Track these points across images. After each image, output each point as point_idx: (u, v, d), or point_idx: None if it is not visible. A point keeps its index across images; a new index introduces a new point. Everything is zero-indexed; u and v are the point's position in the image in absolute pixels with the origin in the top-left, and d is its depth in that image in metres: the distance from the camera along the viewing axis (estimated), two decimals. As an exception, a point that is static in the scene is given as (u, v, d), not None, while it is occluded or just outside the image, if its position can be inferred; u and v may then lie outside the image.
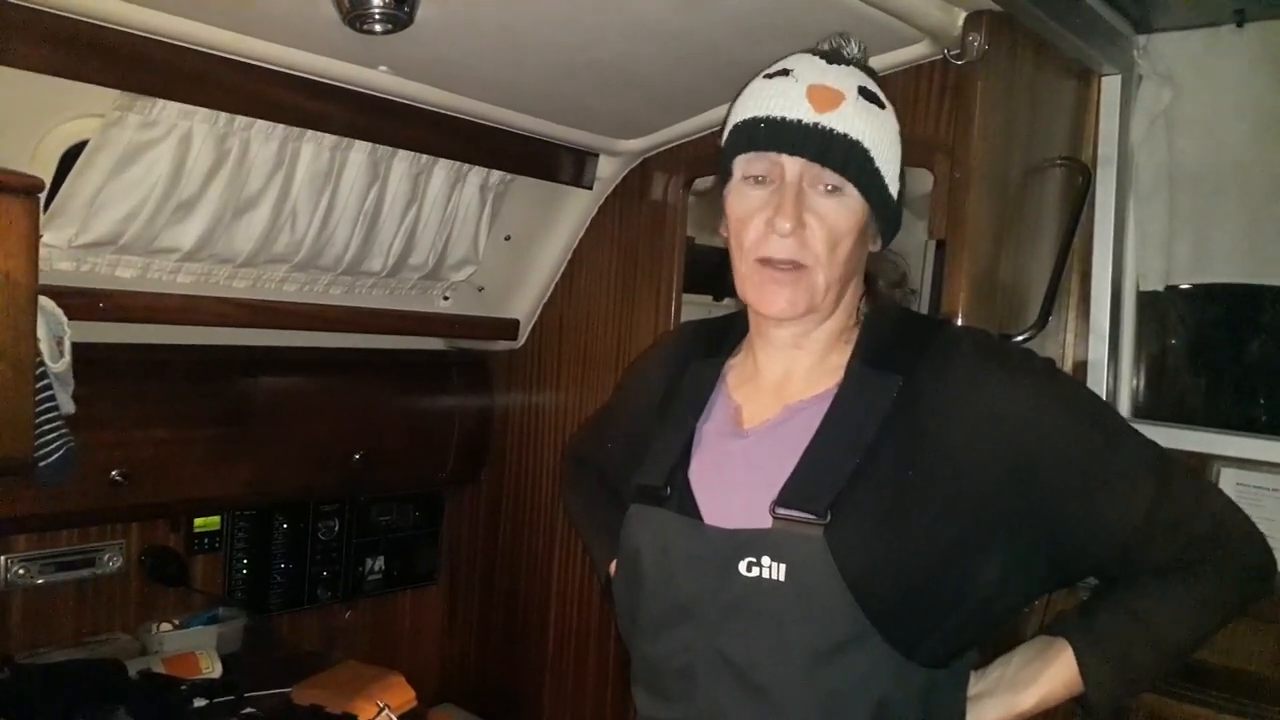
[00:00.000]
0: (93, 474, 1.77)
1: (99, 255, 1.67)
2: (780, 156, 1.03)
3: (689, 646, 1.06)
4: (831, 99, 1.03)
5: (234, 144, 1.68)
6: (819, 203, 1.03)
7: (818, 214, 1.03)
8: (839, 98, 1.03)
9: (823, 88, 1.04)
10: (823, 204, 1.04)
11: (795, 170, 1.03)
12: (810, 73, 1.05)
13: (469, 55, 1.60)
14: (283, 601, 2.29)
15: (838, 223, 1.04)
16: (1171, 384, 1.98)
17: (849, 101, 1.03)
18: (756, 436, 1.11)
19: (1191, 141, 1.87)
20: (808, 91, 1.03)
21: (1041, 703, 1.09)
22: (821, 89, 1.03)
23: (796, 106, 1.03)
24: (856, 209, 1.05)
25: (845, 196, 1.04)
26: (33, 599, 1.93)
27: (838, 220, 1.04)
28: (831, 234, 1.04)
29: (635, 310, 2.22)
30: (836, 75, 1.06)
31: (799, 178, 1.03)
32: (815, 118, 1.02)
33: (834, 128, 1.02)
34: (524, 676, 2.46)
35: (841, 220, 1.04)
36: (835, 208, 1.04)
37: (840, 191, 1.04)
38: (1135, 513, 1.02)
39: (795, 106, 1.03)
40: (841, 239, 1.04)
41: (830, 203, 1.04)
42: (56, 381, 1.42)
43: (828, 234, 1.03)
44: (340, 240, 1.93)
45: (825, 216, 1.03)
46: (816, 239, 1.03)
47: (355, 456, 2.23)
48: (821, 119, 1.02)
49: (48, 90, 1.46)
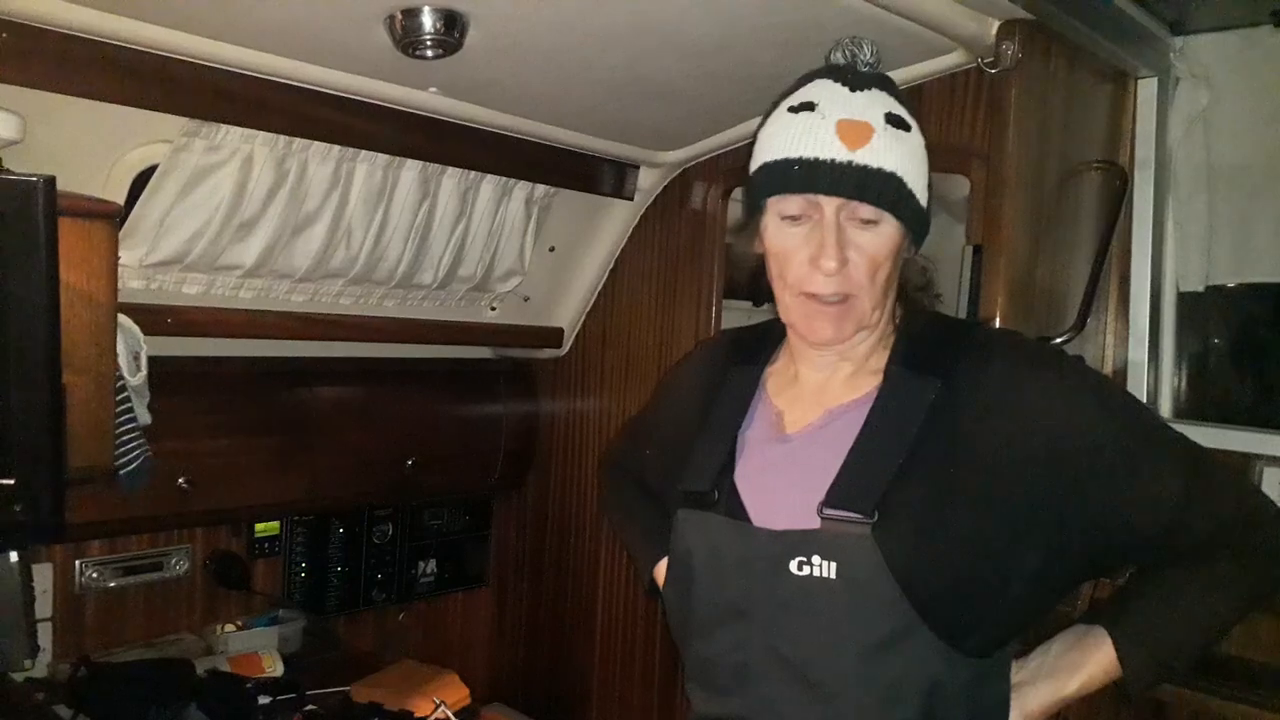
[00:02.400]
0: (160, 481, 1.83)
1: (167, 273, 1.76)
2: (817, 197, 1.05)
3: (742, 644, 1.10)
4: (861, 134, 1.04)
5: (292, 165, 1.75)
6: (858, 236, 1.06)
7: (857, 246, 1.06)
8: (868, 131, 1.04)
9: (851, 123, 1.04)
10: (861, 237, 1.06)
11: (833, 209, 1.05)
12: (835, 106, 1.06)
13: (515, 76, 1.66)
14: (339, 603, 2.36)
15: (878, 252, 1.07)
16: (1213, 384, 1.98)
17: (878, 134, 1.04)
18: (799, 440, 1.15)
19: (1230, 142, 1.87)
20: (837, 128, 1.04)
21: (1082, 689, 1.13)
22: (850, 124, 1.04)
23: (828, 146, 1.03)
24: (894, 235, 1.07)
25: (882, 225, 1.06)
26: (104, 601, 2.02)
27: (877, 250, 1.07)
28: (872, 263, 1.06)
29: (676, 317, 2.26)
30: (862, 105, 1.06)
31: (837, 214, 1.05)
32: (848, 156, 1.03)
33: (868, 164, 1.03)
34: (572, 677, 2.50)
35: (881, 250, 1.07)
36: (873, 239, 1.06)
37: (876, 223, 1.06)
38: (1168, 502, 1.05)
39: (827, 146, 1.03)
40: (881, 265, 1.07)
41: (868, 234, 1.06)
42: (134, 394, 1.50)
43: (868, 264, 1.06)
44: (393, 255, 2.00)
45: (864, 248, 1.06)
46: (859, 270, 1.06)
47: (407, 463, 2.30)
48: (854, 156, 1.03)
49: (119, 119, 1.54)
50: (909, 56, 1.65)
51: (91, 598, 2.00)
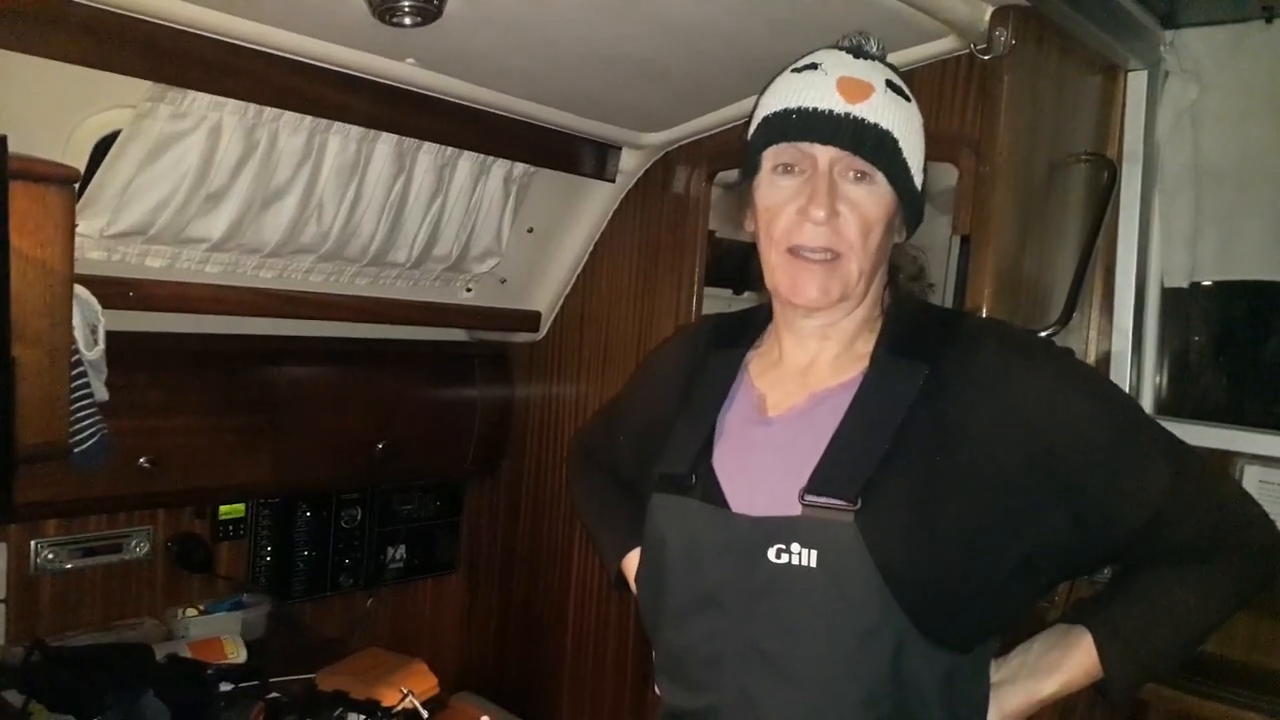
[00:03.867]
0: (121, 460, 1.79)
1: (129, 245, 1.70)
2: (813, 146, 1.05)
3: (717, 635, 1.07)
4: (862, 90, 1.05)
5: (262, 135, 1.70)
6: (851, 190, 1.05)
7: (850, 201, 1.05)
8: (869, 89, 1.05)
9: (853, 79, 1.06)
10: (855, 191, 1.05)
11: (827, 159, 1.05)
12: (839, 66, 1.07)
13: (495, 48, 1.62)
14: (306, 588, 2.32)
15: (870, 210, 1.05)
16: (1195, 380, 1.98)
17: (878, 93, 1.05)
18: (781, 423, 1.12)
19: (1217, 138, 1.85)
20: (838, 83, 1.05)
21: (1062, 689, 1.11)
22: (852, 80, 1.05)
23: (828, 97, 1.04)
24: (886, 197, 1.06)
25: (876, 185, 1.06)
26: (61, 583, 1.96)
27: (870, 208, 1.05)
28: (864, 222, 1.05)
29: (656, 303, 2.23)
30: (864, 69, 1.08)
31: (830, 167, 1.05)
32: (847, 108, 1.04)
33: (865, 117, 1.03)
34: (542, 665, 2.48)
35: (873, 208, 1.06)
36: (867, 195, 1.05)
37: (871, 179, 1.05)
38: (1152, 500, 1.04)
39: (827, 97, 1.04)
40: (873, 227, 1.06)
41: (862, 190, 1.05)
42: (91, 369, 1.44)
43: (860, 222, 1.05)
44: (366, 231, 1.95)
45: (858, 204, 1.05)
46: (850, 227, 1.05)
47: (378, 446, 2.26)
48: (853, 109, 1.04)
49: (80, 81, 1.48)
50: (901, 40, 1.63)
51: (47, 579, 1.94)
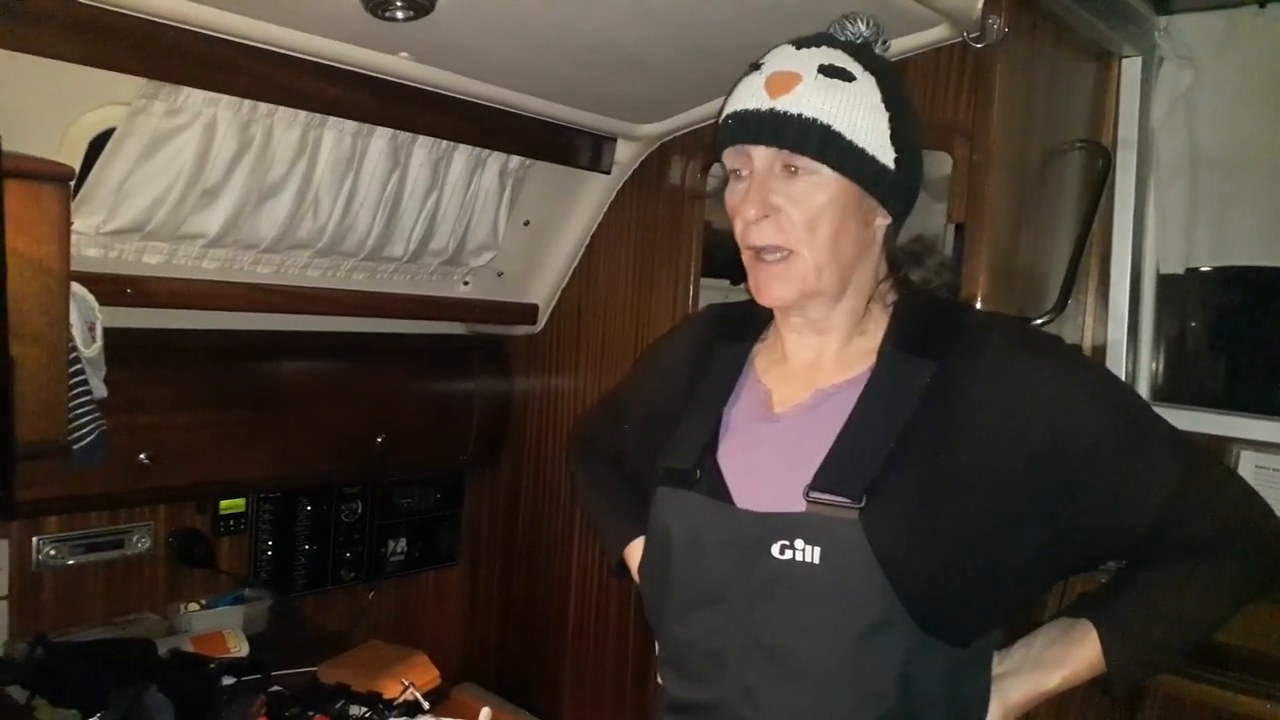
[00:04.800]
0: (121, 457, 1.80)
1: (126, 242, 1.70)
2: (746, 147, 1.06)
3: (720, 629, 1.07)
4: (786, 82, 1.04)
5: (257, 131, 1.70)
6: (786, 185, 1.05)
7: (787, 196, 1.05)
8: (794, 79, 1.04)
9: (779, 73, 1.05)
10: (791, 186, 1.05)
11: (762, 159, 1.06)
12: (776, 61, 1.08)
13: (488, 41, 1.61)
14: (307, 582, 2.33)
15: (811, 202, 1.05)
16: (1191, 367, 1.98)
17: (805, 82, 1.04)
18: (787, 421, 1.12)
19: (1212, 124, 1.86)
20: (766, 80, 1.05)
21: (1065, 682, 1.10)
22: (778, 75, 1.05)
23: (755, 96, 1.05)
24: (829, 185, 1.05)
25: (815, 175, 1.05)
26: (63, 579, 1.97)
27: (808, 200, 1.05)
28: (806, 214, 1.05)
29: (653, 294, 2.23)
30: (799, 59, 1.06)
31: (768, 166, 1.06)
32: (770, 104, 1.04)
33: (787, 110, 1.03)
34: (544, 656, 2.49)
35: (813, 199, 1.05)
36: (806, 188, 1.05)
37: (808, 172, 1.05)
38: (1159, 496, 1.04)
39: (755, 97, 1.05)
40: (818, 218, 1.05)
41: (800, 183, 1.05)
42: (89, 366, 1.45)
43: (803, 214, 1.05)
44: (362, 226, 1.95)
45: (796, 199, 1.05)
46: (793, 222, 1.05)
47: (377, 440, 2.26)
48: (775, 104, 1.04)
49: (75, 78, 1.48)
50: (893, 29, 1.59)
51: (49, 575, 1.95)
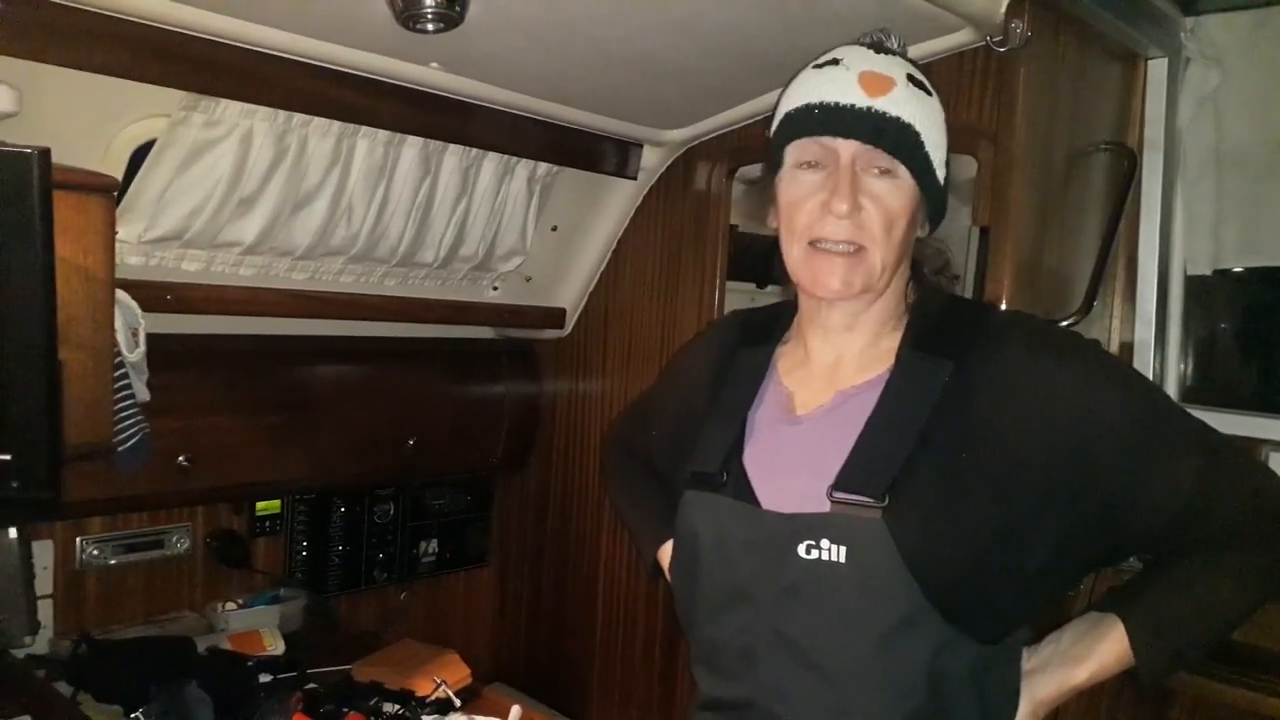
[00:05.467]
0: (161, 459, 1.83)
1: (166, 249, 1.75)
2: (835, 141, 1.06)
3: (748, 628, 1.09)
4: (883, 84, 1.06)
5: (292, 141, 1.74)
6: (873, 184, 1.06)
7: (872, 195, 1.06)
8: (890, 83, 1.06)
9: (874, 74, 1.06)
10: (877, 185, 1.06)
11: (849, 153, 1.06)
12: (860, 61, 1.08)
13: (517, 51, 1.64)
14: (340, 582, 2.37)
15: (892, 204, 1.07)
16: (1220, 368, 1.97)
17: (899, 87, 1.06)
18: (810, 422, 1.13)
19: (1240, 124, 1.85)
20: (860, 78, 1.06)
21: (1094, 677, 1.11)
22: (873, 75, 1.06)
23: (850, 92, 1.05)
24: (909, 191, 1.08)
25: (898, 179, 1.07)
26: (105, 578, 2.03)
27: (892, 201, 1.07)
28: (887, 215, 1.06)
29: (679, 297, 2.25)
30: (885, 63, 1.09)
31: (853, 161, 1.06)
32: (869, 102, 1.05)
33: (887, 111, 1.05)
34: (573, 656, 2.51)
35: (895, 201, 1.07)
36: (889, 189, 1.07)
37: (893, 174, 1.07)
38: (1183, 488, 1.04)
39: (849, 92, 1.06)
40: (896, 220, 1.07)
41: (884, 184, 1.07)
42: (132, 371, 1.49)
43: (883, 215, 1.06)
44: (394, 233, 1.99)
45: (880, 198, 1.06)
46: (873, 220, 1.06)
47: (408, 442, 2.29)
48: (875, 103, 1.05)
49: (117, 92, 1.52)
50: (916, 34, 1.63)
51: (92, 575, 2.01)
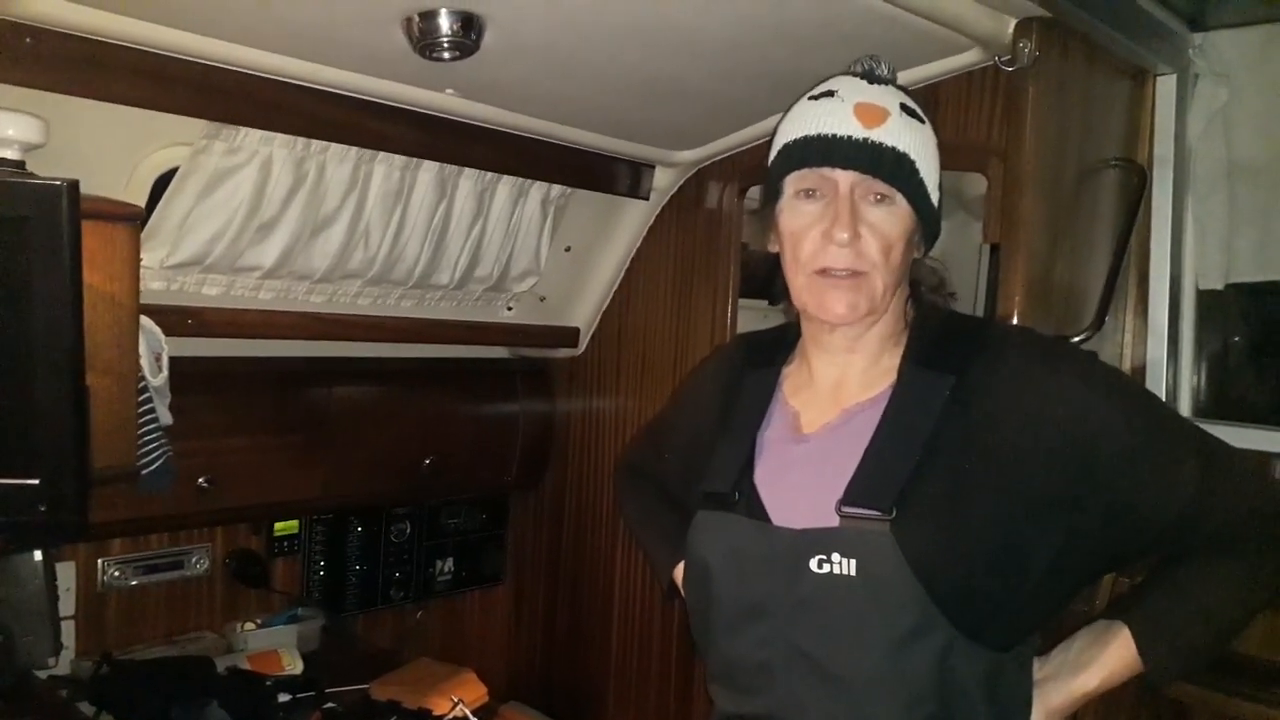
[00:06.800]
0: (181, 480, 1.83)
1: (187, 274, 1.77)
2: (834, 171, 1.09)
3: (764, 643, 1.11)
4: (878, 115, 1.09)
5: (311, 167, 1.77)
6: (871, 212, 1.10)
7: (870, 223, 1.09)
8: (884, 114, 1.10)
9: (869, 105, 1.10)
10: (874, 213, 1.10)
11: (848, 183, 1.09)
12: (855, 92, 1.12)
13: (531, 76, 1.67)
14: (358, 602, 2.38)
15: (890, 230, 1.10)
16: (1233, 382, 1.97)
17: (894, 117, 1.10)
18: (816, 440, 1.16)
19: (1250, 138, 1.85)
20: (855, 109, 1.09)
21: (1104, 684, 1.13)
22: (868, 106, 1.10)
23: (846, 124, 1.09)
24: (905, 216, 1.11)
25: (895, 205, 1.10)
26: (126, 599, 2.05)
27: (890, 228, 1.10)
28: (885, 241, 1.10)
29: (692, 316, 2.27)
30: (879, 94, 1.12)
31: (851, 190, 1.09)
32: (865, 133, 1.08)
33: (883, 141, 1.08)
34: (589, 675, 2.51)
35: (893, 227, 1.10)
36: (886, 216, 1.10)
37: (889, 200, 1.10)
38: (1184, 494, 1.06)
39: (845, 124, 1.09)
40: (894, 245, 1.10)
41: (881, 211, 1.10)
42: (156, 395, 1.51)
43: (881, 241, 1.09)
44: (410, 255, 2.01)
45: (878, 225, 1.09)
46: (872, 247, 1.09)
47: (425, 462, 2.31)
48: (871, 134, 1.08)
49: (141, 122, 1.55)
50: (925, 54, 1.65)
51: (113, 596, 2.03)
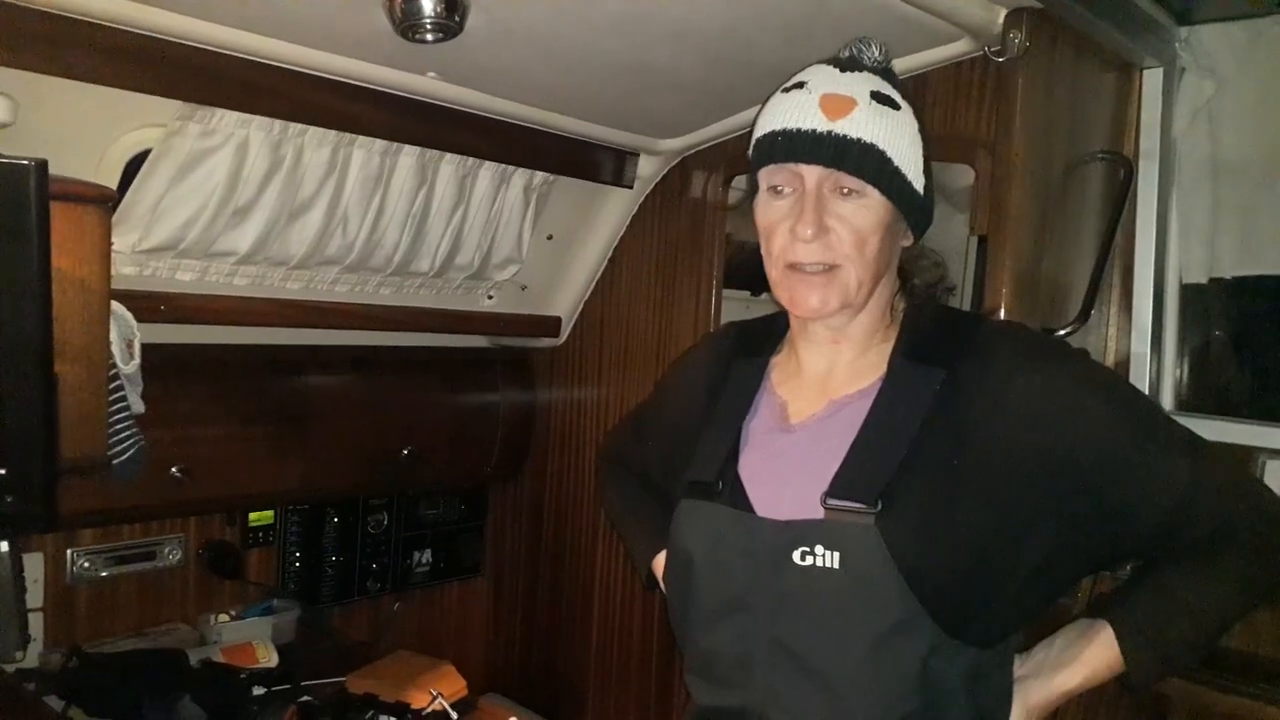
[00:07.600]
0: (153, 470, 1.81)
1: (160, 259, 1.73)
2: (799, 166, 1.08)
3: (745, 635, 1.10)
4: (843, 106, 1.07)
5: (288, 150, 1.73)
6: (840, 205, 1.08)
7: (839, 216, 1.08)
8: (850, 104, 1.07)
9: (834, 96, 1.07)
10: (844, 207, 1.08)
11: (814, 178, 1.07)
12: (823, 83, 1.09)
13: (514, 61, 1.64)
14: (334, 593, 2.36)
15: (861, 223, 1.08)
16: (1215, 376, 1.97)
17: (860, 107, 1.07)
18: (803, 431, 1.15)
19: (1235, 133, 1.86)
20: (820, 101, 1.07)
21: (1084, 683, 1.13)
22: (833, 97, 1.07)
23: (810, 117, 1.07)
24: (878, 208, 1.09)
25: (865, 198, 1.08)
26: (97, 591, 2.01)
27: (860, 221, 1.08)
28: (856, 234, 1.08)
29: (675, 306, 2.25)
30: (849, 82, 1.09)
31: (818, 185, 1.08)
32: (829, 126, 1.06)
33: (847, 133, 1.06)
34: (568, 666, 2.50)
35: (863, 220, 1.08)
36: (856, 209, 1.08)
37: (860, 194, 1.08)
38: (1171, 495, 1.06)
39: (810, 117, 1.07)
40: (867, 238, 1.08)
41: (850, 205, 1.08)
42: (127, 383, 1.48)
43: (852, 234, 1.08)
44: (390, 242, 1.98)
45: (847, 219, 1.08)
46: (843, 240, 1.08)
47: (403, 452, 2.29)
48: (834, 126, 1.06)
49: (112, 102, 1.51)
50: (914, 44, 1.64)
51: (83, 587, 1.99)
